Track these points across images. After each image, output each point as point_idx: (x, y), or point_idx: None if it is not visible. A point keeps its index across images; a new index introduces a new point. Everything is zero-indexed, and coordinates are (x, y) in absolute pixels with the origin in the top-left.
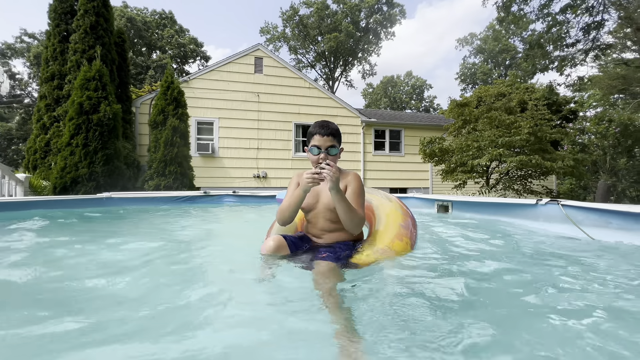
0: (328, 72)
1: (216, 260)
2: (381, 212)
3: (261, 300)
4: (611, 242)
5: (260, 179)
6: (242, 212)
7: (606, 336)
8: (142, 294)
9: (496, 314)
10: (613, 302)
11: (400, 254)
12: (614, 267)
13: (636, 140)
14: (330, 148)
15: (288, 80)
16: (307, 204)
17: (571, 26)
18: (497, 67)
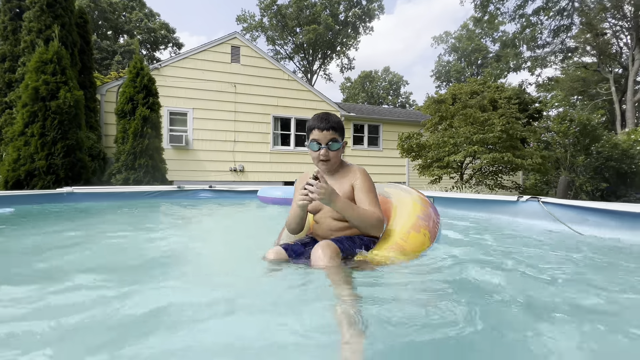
0: (306, 64)
1: (194, 261)
2: (398, 205)
3: (254, 302)
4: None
5: (237, 172)
6: (221, 209)
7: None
8: (106, 301)
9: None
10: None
11: (417, 249)
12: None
13: (593, 139)
14: (331, 142)
15: (266, 71)
16: (313, 207)
17: (544, 27)
18: (470, 66)
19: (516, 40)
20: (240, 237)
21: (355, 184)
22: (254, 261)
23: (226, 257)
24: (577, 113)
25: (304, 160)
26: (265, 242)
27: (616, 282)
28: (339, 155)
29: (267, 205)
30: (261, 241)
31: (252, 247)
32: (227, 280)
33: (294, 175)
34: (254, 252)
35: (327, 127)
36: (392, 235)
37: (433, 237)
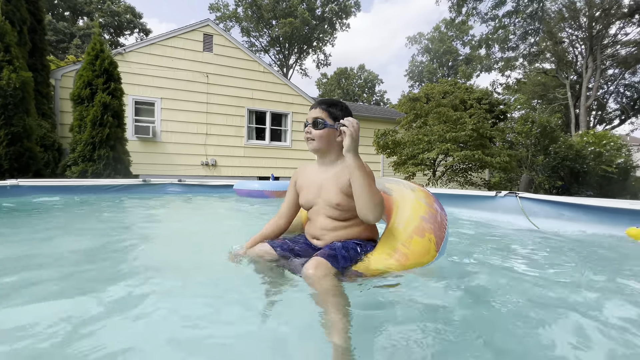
0: (282, 58)
1: (161, 259)
2: (400, 203)
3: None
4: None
5: (209, 167)
6: (192, 204)
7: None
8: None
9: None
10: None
11: (421, 258)
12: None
13: (551, 140)
14: (318, 120)
15: (241, 62)
16: (307, 201)
17: (516, 29)
18: (442, 67)
19: (489, 41)
20: (217, 234)
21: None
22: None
23: (205, 258)
24: (538, 115)
25: (279, 155)
26: (242, 239)
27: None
28: (326, 138)
29: (243, 199)
30: (240, 238)
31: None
32: (211, 291)
33: (269, 171)
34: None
35: (316, 105)
36: (392, 239)
37: (439, 243)
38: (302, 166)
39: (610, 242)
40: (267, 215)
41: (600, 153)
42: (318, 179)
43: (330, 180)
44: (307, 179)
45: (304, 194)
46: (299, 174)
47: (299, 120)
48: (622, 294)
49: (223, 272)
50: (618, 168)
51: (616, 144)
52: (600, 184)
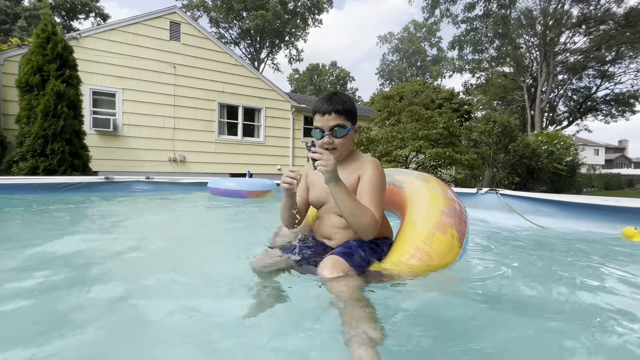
0: (253, 52)
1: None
2: (415, 197)
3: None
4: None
5: (177, 163)
6: (163, 204)
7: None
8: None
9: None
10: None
11: (445, 256)
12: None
13: (511, 139)
14: (337, 128)
15: (211, 54)
16: (317, 199)
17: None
18: (411, 66)
19: (462, 43)
20: (195, 238)
21: (362, 175)
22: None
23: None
24: (499, 116)
25: (252, 152)
26: (229, 241)
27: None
28: (349, 142)
29: (218, 198)
30: (223, 241)
31: (223, 250)
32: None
33: (242, 167)
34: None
35: (330, 110)
36: (411, 237)
37: (462, 239)
38: (306, 167)
39: (598, 238)
40: (245, 220)
41: (552, 152)
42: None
43: (341, 177)
44: (317, 177)
45: (314, 192)
46: (309, 170)
47: (273, 116)
48: (590, 279)
49: (208, 278)
50: (567, 165)
51: (566, 144)
52: (552, 180)
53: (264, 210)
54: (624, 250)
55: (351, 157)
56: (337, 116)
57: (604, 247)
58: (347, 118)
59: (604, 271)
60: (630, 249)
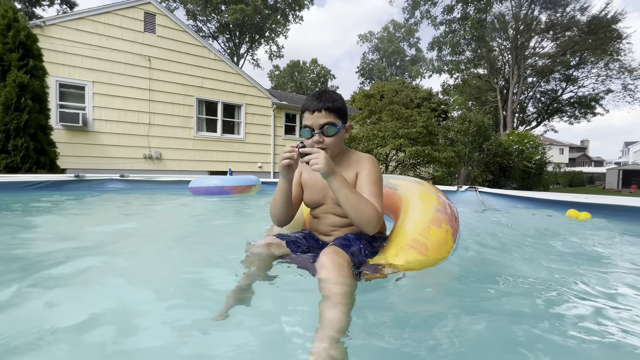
0: (232, 47)
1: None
2: (410, 196)
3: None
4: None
5: (152, 160)
6: (143, 203)
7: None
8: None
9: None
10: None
11: (440, 249)
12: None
13: (485, 138)
14: (326, 127)
15: (189, 48)
16: (312, 200)
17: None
18: (390, 66)
19: (442, 45)
20: (177, 238)
21: (360, 172)
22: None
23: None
24: (474, 116)
25: (232, 149)
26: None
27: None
28: (339, 141)
29: (201, 198)
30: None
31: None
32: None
33: (221, 165)
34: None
35: (319, 108)
36: (408, 231)
37: (455, 234)
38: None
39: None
40: (229, 215)
41: (522, 150)
42: (324, 178)
43: None
44: (312, 176)
45: (309, 193)
46: (304, 166)
47: (253, 112)
48: (556, 259)
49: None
50: (536, 164)
51: (535, 143)
52: (522, 177)
53: (252, 205)
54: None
55: (346, 155)
56: (327, 114)
57: (566, 229)
58: (338, 116)
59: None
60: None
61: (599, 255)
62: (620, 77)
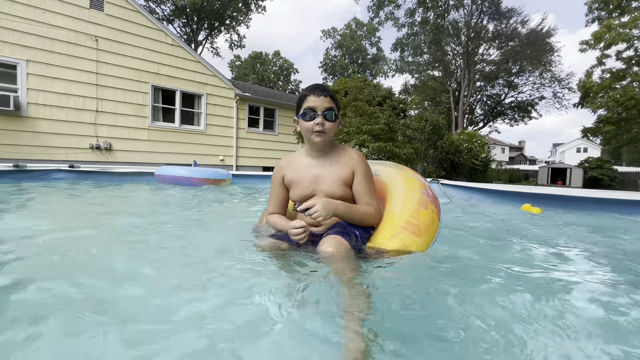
0: (190, 32)
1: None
2: (393, 182)
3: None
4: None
5: (101, 151)
6: (98, 195)
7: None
8: None
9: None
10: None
11: (430, 228)
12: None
13: (439, 137)
14: (328, 111)
15: (143, 30)
16: (301, 195)
17: (426, 38)
18: (353, 63)
19: (404, 46)
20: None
21: (357, 171)
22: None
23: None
24: (429, 115)
25: (192, 140)
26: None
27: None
28: (334, 130)
29: (166, 188)
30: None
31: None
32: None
33: (180, 157)
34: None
35: (325, 94)
36: (399, 214)
37: (439, 213)
38: (286, 159)
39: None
40: (199, 205)
41: (471, 149)
42: (312, 172)
43: (330, 173)
44: (298, 173)
45: (297, 190)
46: (285, 169)
47: (215, 103)
48: (512, 248)
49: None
50: (482, 161)
51: (481, 142)
52: (470, 174)
53: (218, 199)
54: (525, 218)
55: (334, 148)
56: (331, 100)
57: (515, 217)
58: (336, 107)
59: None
60: (529, 217)
61: (546, 241)
62: (551, 85)
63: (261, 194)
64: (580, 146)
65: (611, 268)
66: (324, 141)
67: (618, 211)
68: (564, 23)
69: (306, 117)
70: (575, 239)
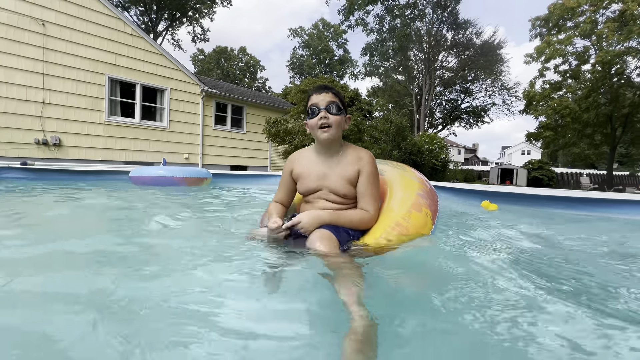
0: (148, 22)
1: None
2: (394, 182)
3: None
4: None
5: (48, 147)
6: (62, 197)
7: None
8: None
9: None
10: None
11: (420, 230)
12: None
13: (403, 138)
14: (331, 105)
15: (98, 17)
16: (307, 188)
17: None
18: (320, 63)
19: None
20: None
21: (362, 171)
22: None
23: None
24: (394, 117)
25: (153, 137)
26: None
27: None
28: (341, 125)
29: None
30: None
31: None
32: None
33: (140, 155)
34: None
35: (327, 91)
36: (391, 214)
37: (434, 217)
38: (297, 153)
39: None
40: (182, 206)
41: (431, 150)
42: (320, 168)
43: (336, 171)
44: (306, 168)
45: (304, 183)
46: (294, 163)
47: (179, 99)
48: (471, 242)
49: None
50: (441, 162)
51: (441, 144)
52: (430, 174)
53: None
54: (484, 215)
55: (346, 148)
56: (333, 96)
57: (476, 213)
58: (341, 103)
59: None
60: (487, 214)
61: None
62: (501, 93)
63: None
64: (525, 149)
65: (554, 251)
66: (330, 136)
67: (561, 207)
68: (512, 36)
69: (311, 115)
70: (526, 231)
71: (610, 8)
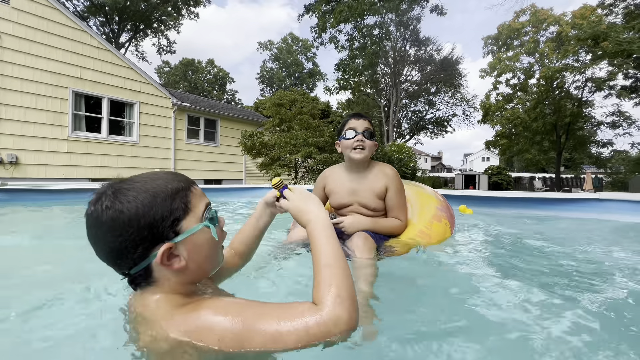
0: (110, 33)
1: None
2: (414, 198)
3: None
4: None
5: (3, 165)
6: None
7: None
8: None
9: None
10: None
11: (441, 237)
12: None
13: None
14: (367, 131)
15: (61, 29)
16: (340, 203)
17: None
18: (290, 76)
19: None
20: None
21: (390, 186)
22: None
23: None
24: None
25: (122, 153)
26: None
27: None
28: (372, 149)
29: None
30: None
31: None
32: None
33: (108, 171)
34: None
35: (364, 118)
36: (415, 224)
37: (452, 227)
38: (329, 170)
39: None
40: None
41: (401, 159)
42: (350, 185)
43: (366, 187)
44: (338, 184)
45: (335, 198)
46: (327, 179)
47: (149, 113)
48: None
49: None
50: (410, 170)
51: (409, 153)
52: None
53: None
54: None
55: (373, 165)
56: (369, 124)
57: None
58: (373, 130)
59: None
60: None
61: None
62: (461, 104)
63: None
64: (484, 156)
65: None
66: (363, 158)
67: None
68: (468, 53)
69: (349, 135)
70: (500, 229)
71: (549, 29)
